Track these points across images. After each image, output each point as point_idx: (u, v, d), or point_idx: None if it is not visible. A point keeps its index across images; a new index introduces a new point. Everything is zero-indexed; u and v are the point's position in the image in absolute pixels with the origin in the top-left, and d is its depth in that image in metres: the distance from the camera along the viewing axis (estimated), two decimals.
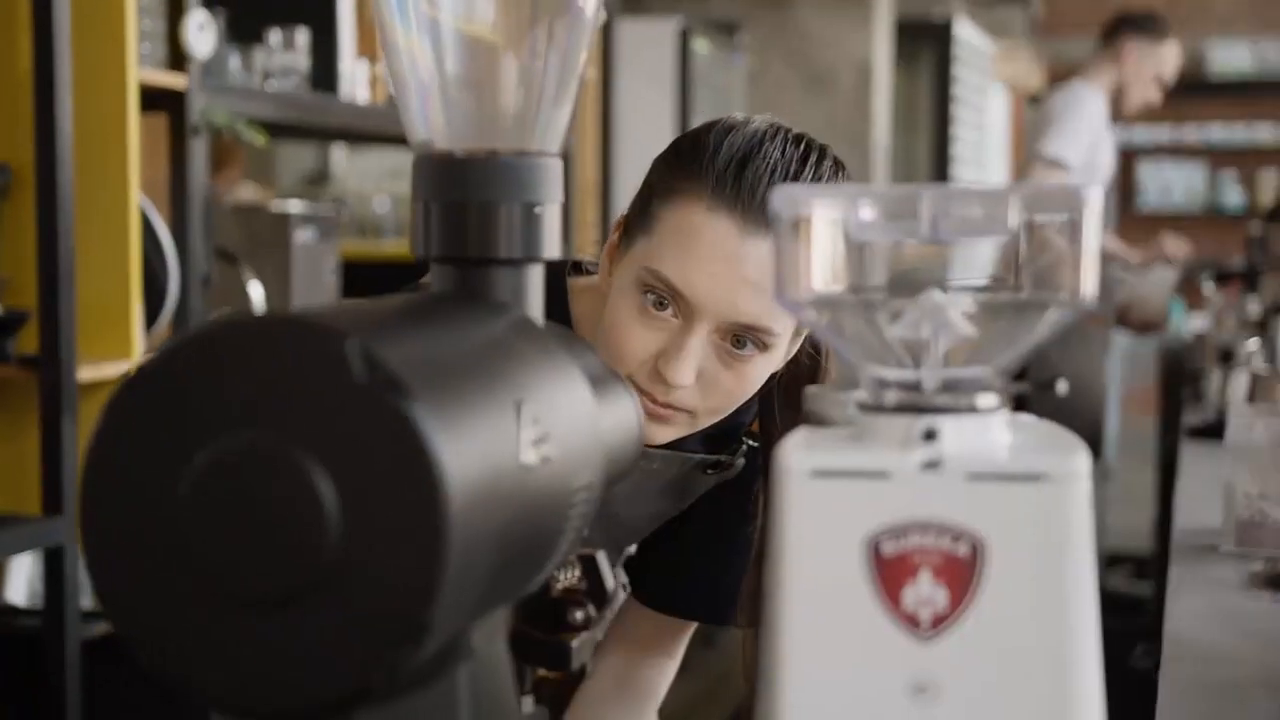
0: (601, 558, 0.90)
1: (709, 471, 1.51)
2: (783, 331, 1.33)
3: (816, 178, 1.33)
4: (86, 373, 2.49)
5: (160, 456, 0.66)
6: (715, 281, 1.30)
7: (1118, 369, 6.39)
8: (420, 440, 0.64)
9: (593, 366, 0.90)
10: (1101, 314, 4.67)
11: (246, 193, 4.91)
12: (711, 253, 1.30)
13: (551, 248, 0.87)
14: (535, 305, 0.87)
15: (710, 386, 1.34)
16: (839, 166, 1.37)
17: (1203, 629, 1.60)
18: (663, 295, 1.31)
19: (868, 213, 0.75)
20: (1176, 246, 4.72)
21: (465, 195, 0.85)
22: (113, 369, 2.54)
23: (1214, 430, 2.91)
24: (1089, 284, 0.73)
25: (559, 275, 1.48)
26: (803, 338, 1.42)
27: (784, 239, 0.75)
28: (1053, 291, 0.74)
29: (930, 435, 0.73)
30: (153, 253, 2.65)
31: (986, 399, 0.75)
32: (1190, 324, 9.01)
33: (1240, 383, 3.16)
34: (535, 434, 0.74)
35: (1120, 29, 4.59)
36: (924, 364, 0.75)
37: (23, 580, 2.76)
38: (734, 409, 1.38)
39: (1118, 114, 4.56)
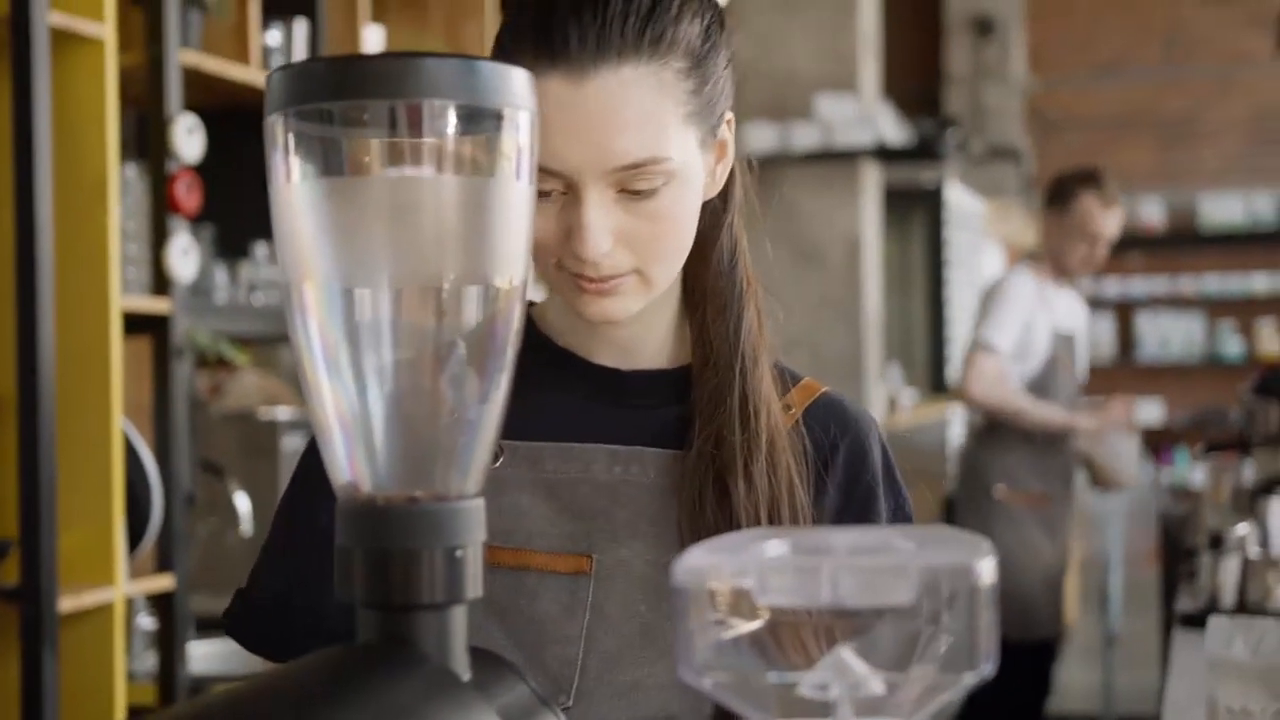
0: None
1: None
2: (678, 155, 1.22)
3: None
4: (68, 603, 2.49)
5: None
6: (571, 140, 1.19)
7: (1119, 532, 6.37)
8: None
9: (519, 700, 0.90)
10: (1048, 494, 4.64)
11: (248, 380, 4.93)
12: (554, 114, 1.19)
13: (474, 588, 0.88)
14: (458, 648, 0.87)
15: (635, 240, 1.23)
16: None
17: None
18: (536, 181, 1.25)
19: (773, 580, 0.76)
20: (1124, 408, 4.78)
21: (387, 543, 0.86)
22: (94, 598, 2.54)
23: (1207, 617, 2.88)
24: (987, 653, 0.74)
25: None
26: (730, 144, 1.32)
27: (685, 608, 0.76)
28: (954, 660, 0.75)
29: None
30: (136, 476, 2.67)
31: None
32: (1193, 476, 8.99)
33: (1231, 569, 3.14)
34: None
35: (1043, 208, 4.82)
36: None
37: None
38: (683, 252, 1.27)
39: (1065, 277, 4.66)
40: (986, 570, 0.74)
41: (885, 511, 1.36)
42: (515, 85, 0.86)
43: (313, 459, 1.42)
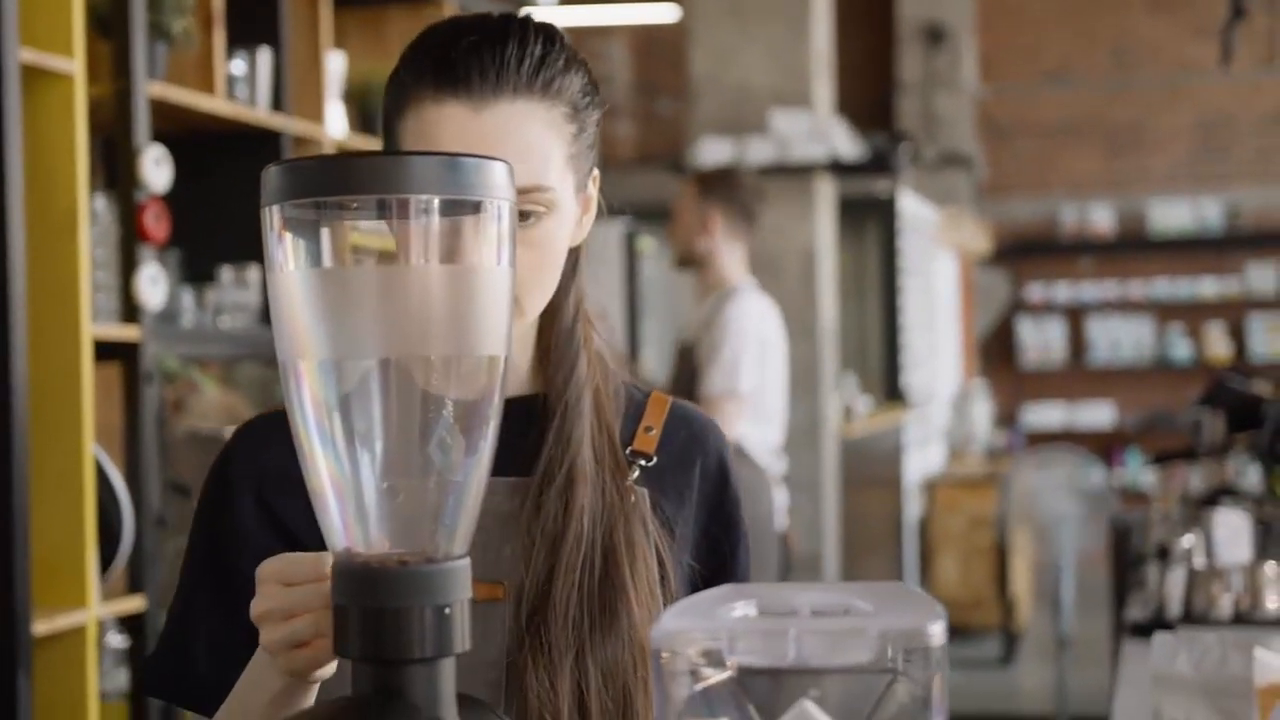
0: None
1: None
2: (558, 185, 1.31)
3: (522, 43, 1.31)
4: (41, 626, 2.54)
5: None
6: None
7: (1071, 535, 6.47)
8: None
9: None
10: None
11: (209, 396, 4.95)
12: (453, 138, 1.27)
13: (462, 641, 0.94)
14: (447, 698, 0.94)
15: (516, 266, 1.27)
16: (555, 42, 1.34)
17: None
18: None
19: (742, 643, 0.83)
20: None
21: (381, 602, 0.92)
22: (67, 620, 2.59)
23: (1154, 627, 2.94)
24: (939, 707, 0.81)
25: None
26: (594, 201, 1.39)
27: (660, 667, 0.83)
28: (909, 713, 0.82)
29: None
30: (107, 500, 2.71)
31: None
32: (1143, 478, 9.08)
33: (1177, 580, 3.22)
34: None
35: None
36: None
37: None
38: (552, 286, 1.34)
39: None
40: (938, 632, 0.81)
41: (741, 524, 1.45)
42: (495, 178, 0.93)
43: (222, 479, 1.36)
